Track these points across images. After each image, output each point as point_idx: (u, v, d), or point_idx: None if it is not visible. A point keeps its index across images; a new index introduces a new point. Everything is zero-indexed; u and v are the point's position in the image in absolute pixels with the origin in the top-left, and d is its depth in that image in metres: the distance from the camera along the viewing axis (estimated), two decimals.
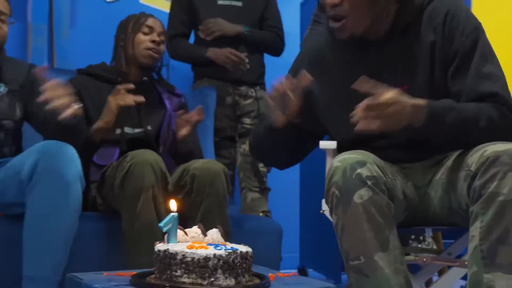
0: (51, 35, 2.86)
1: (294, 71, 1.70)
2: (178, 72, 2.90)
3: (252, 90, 2.68)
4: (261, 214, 2.45)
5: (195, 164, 1.94)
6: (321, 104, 1.68)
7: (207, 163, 1.95)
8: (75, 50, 2.89)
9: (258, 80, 2.71)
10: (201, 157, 2.20)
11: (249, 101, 2.67)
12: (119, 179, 1.81)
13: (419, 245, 2.27)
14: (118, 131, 2.08)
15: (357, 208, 1.36)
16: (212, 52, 2.61)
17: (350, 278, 1.39)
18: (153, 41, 2.20)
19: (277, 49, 2.76)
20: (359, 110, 1.39)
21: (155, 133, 2.18)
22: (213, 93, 2.60)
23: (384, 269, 1.34)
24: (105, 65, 2.27)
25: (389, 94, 1.39)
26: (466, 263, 1.36)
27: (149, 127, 2.16)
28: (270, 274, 1.35)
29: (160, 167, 1.84)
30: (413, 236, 2.33)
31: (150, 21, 2.25)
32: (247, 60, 2.60)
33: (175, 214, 1.27)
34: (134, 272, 1.28)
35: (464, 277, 1.51)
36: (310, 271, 3.10)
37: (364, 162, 1.40)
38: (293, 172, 2.71)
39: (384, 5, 1.56)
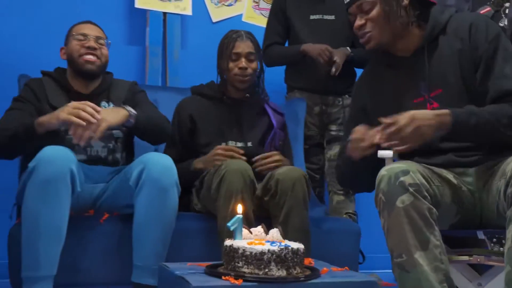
0: (164, 56, 3.24)
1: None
2: (271, 85, 3.18)
3: (340, 99, 2.87)
4: (344, 215, 2.65)
5: (280, 170, 2.18)
6: (376, 118, 1.89)
7: (290, 169, 2.19)
8: (185, 69, 3.21)
9: (346, 89, 2.89)
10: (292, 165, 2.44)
11: (336, 109, 2.87)
12: (216, 184, 2.10)
13: (501, 248, 2.35)
14: (223, 144, 2.37)
15: (399, 212, 1.55)
16: (307, 46, 2.83)
17: (395, 273, 1.58)
18: (240, 68, 2.39)
19: None
20: (379, 139, 1.65)
21: (256, 149, 2.39)
22: (303, 104, 2.84)
23: (423, 266, 1.52)
24: (213, 83, 2.53)
25: (403, 117, 1.62)
26: None
27: (249, 144, 2.41)
28: (324, 268, 1.59)
29: (249, 175, 2.10)
30: (494, 240, 2.42)
31: (237, 47, 2.42)
32: (335, 68, 2.79)
33: (240, 216, 1.54)
34: (210, 263, 1.58)
35: None
36: None
37: (407, 171, 1.59)
38: None
39: (400, 20, 1.82)
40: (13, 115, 2.11)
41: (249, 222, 1.99)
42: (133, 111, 2.11)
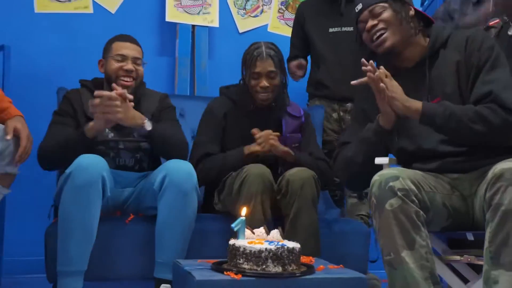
0: (193, 66, 3.45)
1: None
2: (294, 93, 3.34)
3: None
4: (357, 218, 2.80)
5: (291, 171, 2.32)
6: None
7: (299, 170, 2.32)
8: (213, 78, 3.40)
9: None
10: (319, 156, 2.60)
11: None
12: (237, 186, 2.25)
13: None
14: None
15: (388, 214, 1.70)
16: None
17: (385, 269, 1.74)
18: (261, 87, 2.49)
19: None
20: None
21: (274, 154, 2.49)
22: (321, 111, 3.01)
23: (409, 264, 1.66)
24: (241, 88, 2.58)
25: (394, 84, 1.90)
26: None
27: None
28: (321, 266, 1.75)
29: (268, 178, 2.25)
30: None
31: (258, 66, 2.48)
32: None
33: (243, 218, 1.71)
34: (217, 260, 1.76)
35: None
36: None
37: (397, 176, 1.73)
38: None
39: (411, 25, 2.00)
40: (56, 129, 2.33)
41: (267, 221, 2.16)
42: (149, 128, 2.30)
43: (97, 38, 2.84)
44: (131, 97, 2.25)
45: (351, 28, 3.05)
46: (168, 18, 3.42)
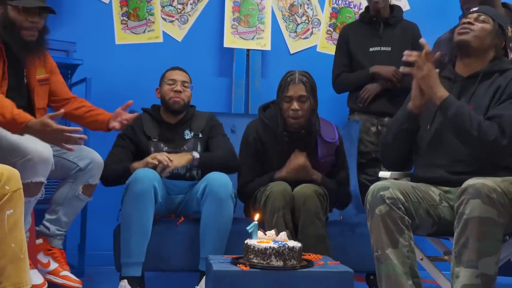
0: (247, 86, 3.89)
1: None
2: (337, 107, 3.70)
3: None
4: None
5: (296, 188, 2.65)
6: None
7: (303, 187, 2.63)
8: (265, 97, 3.68)
9: None
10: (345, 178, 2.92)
11: None
12: (263, 201, 2.63)
13: None
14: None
15: (377, 218, 2.04)
16: (377, 68, 3.37)
17: (375, 263, 2.08)
18: (292, 110, 2.72)
19: None
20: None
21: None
22: (357, 125, 3.36)
23: (393, 260, 2.00)
24: (274, 113, 2.81)
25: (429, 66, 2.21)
26: None
27: None
28: (320, 262, 2.13)
29: (289, 194, 2.60)
30: None
31: (290, 90, 2.72)
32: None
33: (256, 222, 2.12)
34: (238, 256, 2.18)
35: None
36: None
37: (387, 187, 2.07)
38: None
39: (492, 42, 2.31)
40: (116, 151, 2.85)
41: (289, 229, 2.53)
42: (197, 156, 2.75)
43: (167, 63, 3.32)
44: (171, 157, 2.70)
45: (389, 48, 3.42)
46: (226, 44, 3.88)
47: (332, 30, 4.07)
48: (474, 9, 2.37)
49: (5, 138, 2.27)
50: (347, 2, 4.10)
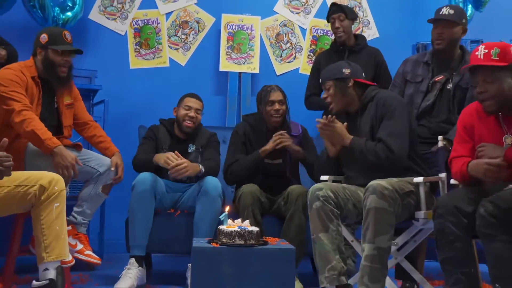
0: (239, 103, 4.64)
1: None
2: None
3: None
4: None
5: (292, 186, 3.41)
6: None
7: (298, 187, 3.40)
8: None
9: None
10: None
11: None
12: (237, 200, 3.42)
13: None
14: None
15: (314, 211, 2.78)
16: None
17: (312, 244, 2.82)
18: (275, 110, 3.58)
19: None
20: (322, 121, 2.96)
21: (284, 164, 3.66)
22: None
23: (323, 240, 2.73)
24: (259, 116, 3.67)
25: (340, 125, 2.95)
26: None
27: (280, 160, 3.67)
28: (274, 242, 2.87)
29: (256, 195, 3.36)
30: None
31: (272, 96, 3.57)
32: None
33: (226, 213, 2.87)
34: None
35: None
36: None
37: (321, 188, 2.81)
38: None
39: (351, 93, 3.10)
40: (143, 148, 3.62)
41: (257, 223, 3.26)
42: (203, 170, 3.50)
43: (172, 84, 4.10)
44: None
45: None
46: (221, 68, 4.65)
47: (312, 55, 4.81)
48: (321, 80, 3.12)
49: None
50: (325, 31, 4.84)
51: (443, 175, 2.90)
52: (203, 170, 3.51)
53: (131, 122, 4.29)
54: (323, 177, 3.09)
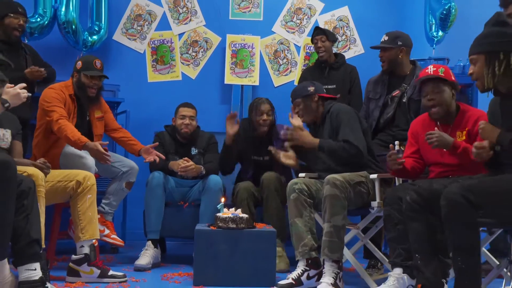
0: (241, 112, 5.33)
1: None
2: None
3: None
4: None
5: (265, 174, 4.09)
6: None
7: (270, 173, 4.08)
8: None
9: None
10: None
11: None
12: (235, 194, 4.15)
13: None
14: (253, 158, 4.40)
15: (291, 201, 3.49)
16: None
17: (289, 227, 3.54)
18: (263, 120, 4.28)
19: None
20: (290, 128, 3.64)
21: (270, 161, 4.30)
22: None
23: (298, 224, 3.43)
24: (248, 122, 4.40)
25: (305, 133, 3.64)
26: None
27: (266, 157, 4.34)
28: (260, 226, 3.60)
29: (251, 190, 4.09)
30: None
31: (261, 107, 4.23)
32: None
33: (222, 203, 3.60)
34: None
35: None
36: None
37: (297, 182, 3.52)
38: None
39: (312, 110, 3.82)
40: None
41: (251, 213, 3.98)
42: (204, 171, 4.21)
43: (184, 96, 4.78)
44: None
45: (334, 86, 4.69)
46: (226, 81, 5.36)
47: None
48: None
49: (81, 162, 3.81)
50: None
51: None
52: (204, 172, 4.23)
53: (149, 128, 5.03)
54: (301, 174, 3.80)
